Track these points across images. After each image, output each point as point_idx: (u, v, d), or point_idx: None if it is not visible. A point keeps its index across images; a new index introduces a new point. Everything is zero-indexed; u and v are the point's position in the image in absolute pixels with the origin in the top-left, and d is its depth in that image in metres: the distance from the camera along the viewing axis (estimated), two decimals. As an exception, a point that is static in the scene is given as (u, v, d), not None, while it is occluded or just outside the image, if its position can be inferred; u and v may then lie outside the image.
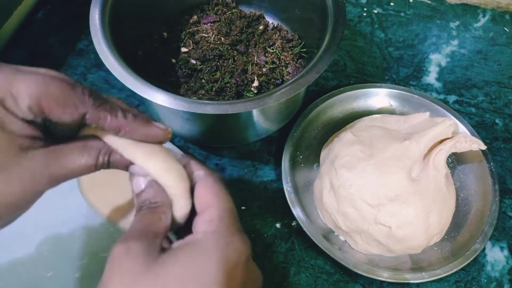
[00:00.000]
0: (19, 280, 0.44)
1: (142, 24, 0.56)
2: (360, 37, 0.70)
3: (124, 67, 0.42)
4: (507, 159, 0.58)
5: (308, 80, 0.43)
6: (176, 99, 0.41)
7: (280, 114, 0.51)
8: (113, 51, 0.43)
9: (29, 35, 0.67)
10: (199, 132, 0.50)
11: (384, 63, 0.67)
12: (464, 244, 0.49)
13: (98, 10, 0.46)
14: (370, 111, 0.59)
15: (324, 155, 0.55)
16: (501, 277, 0.50)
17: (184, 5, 0.61)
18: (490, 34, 0.71)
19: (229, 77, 0.54)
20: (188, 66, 0.55)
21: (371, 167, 0.47)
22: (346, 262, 0.47)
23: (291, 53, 0.57)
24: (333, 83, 0.64)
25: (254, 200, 0.54)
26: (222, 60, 0.55)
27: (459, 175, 0.55)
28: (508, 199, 0.55)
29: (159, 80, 0.54)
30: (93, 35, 0.44)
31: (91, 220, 0.48)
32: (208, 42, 0.56)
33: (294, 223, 0.52)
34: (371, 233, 0.46)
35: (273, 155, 0.58)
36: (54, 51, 0.66)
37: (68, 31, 0.68)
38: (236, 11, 0.60)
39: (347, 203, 0.47)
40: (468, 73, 0.66)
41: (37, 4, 0.69)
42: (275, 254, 0.50)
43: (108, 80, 0.63)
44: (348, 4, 0.73)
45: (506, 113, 0.63)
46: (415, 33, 0.71)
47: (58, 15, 0.70)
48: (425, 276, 0.46)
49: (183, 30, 0.59)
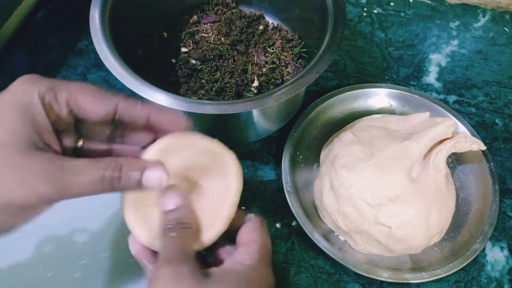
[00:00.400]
0: (19, 280, 0.44)
1: (142, 24, 0.56)
2: (360, 37, 0.70)
3: (124, 67, 0.42)
4: (507, 159, 0.58)
5: (308, 80, 0.43)
6: (176, 99, 0.41)
7: (280, 114, 0.51)
8: (113, 51, 0.43)
9: (29, 35, 0.67)
10: (200, 132, 0.50)
11: (384, 63, 0.67)
12: (464, 244, 0.49)
13: (98, 10, 0.46)
14: (370, 111, 0.59)
15: (324, 155, 0.55)
16: (501, 277, 0.50)
17: (184, 5, 0.61)
18: (490, 34, 0.71)
19: (229, 77, 0.54)
20: (188, 66, 0.55)
21: (371, 167, 0.47)
22: (346, 262, 0.47)
23: (291, 53, 0.57)
24: (333, 83, 0.64)
25: (254, 200, 0.54)
26: (222, 60, 0.55)
27: (459, 175, 0.55)
28: (508, 199, 0.55)
29: (159, 80, 0.54)
30: (93, 35, 0.44)
31: (90, 220, 0.48)
32: (208, 42, 0.56)
33: (294, 223, 0.52)
34: (371, 233, 0.46)
35: (273, 155, 0.58)
36: (54, 51, 0.66)
37: (68, 31, 0.68)
38: (236, 11, 0.60)
39: (347, 203, 0.47)
40: (468, 73, 0.66)
41: (37, 4, 0.69)
42: (275, 254, 0.50)
43: (108, 80, 0.63)
44: (348, 4, 0.73)
45: (506, 113, 0.63)
46: (415, 33, 0.71)
47: (58, 15, 0.70)
48: (425, 276, 0.46)
49: (183, 30, 0.59)
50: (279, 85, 0.48)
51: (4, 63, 0.64)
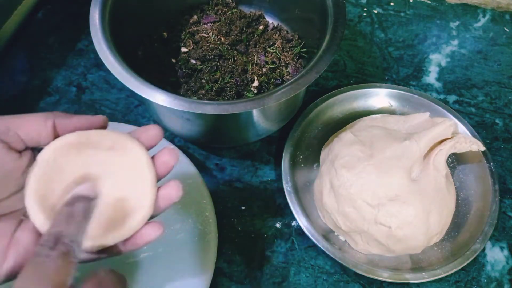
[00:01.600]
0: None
1: (142, 24, 0.56)
2: (360, 37, 0.70)
3: (125, 68, 0.42)
4: (507, 159, 0.58)
5: (308, 80, 0.43)
6: (176, 99, 0.41)
7: (280, 114, 0.51)
8: (113, 51, 0.43)
9: (29, 35, 0.67)
10: (199, 132, 0.50)
11: (384, 63, 0.67)
12: (464, 244, 0.49)
13: (98, 10, 0.46)
14: (370, 111, 0.60)
15: (324, 155, 0.55)
16: (501, 277, 0.50)
17: (184, 5, 0.61)
18: (490, 34, 0.71)
19: (229, 77, 0.54)
20: (188, 66, 0.55)
21: (371, 167, 0.47)
22: (346, 262, 0.47)
23: (291, 53, 0.57)
24: (333, 83, 0.64)
25: (254, 200, 0.54)
26: (222, 60, 0.55)
27: (459, 175, 0.55)
28: (508, 199, 0.55)
29: (159, 80, 0.54)
30: (93, 35, 0.44)
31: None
32: (208, 42, 0.56)
33: (294, 223, 0.52)
34: (371, 233, 0.46)
35: (273, 155, 0.58)
36: (54, 51, 0.66)
37: (68, 31, 0.68)
38: (236, 11, 0.60)
39: (347, 203, 0.47)
40: (468, 73, 0.66)
41: (37, 4, 0.69)
42: (275, 254, 0.50)
43: (108, 80, 0.63)
44: (348, 4, 0.73)
45: (506, 113, 0.63)
46: (415, 33, 0.71)
47: (58, 15, 0.70)
48: (425, 276, 0.46)
49: (183, 30, 0.59)
50: (279, 85, 0.48)
51: (4, 63, 0.64)
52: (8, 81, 0.62)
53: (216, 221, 0.49)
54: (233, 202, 0.54)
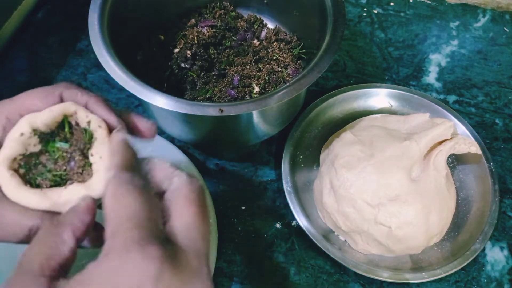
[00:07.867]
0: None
1: (140, 28, 0.56)
2: (360, 37, 0.70)
3: (125, 72, 0.42)
4: (507, 159, 0.58)
5: (309, 80, 0.43)
6: (177, 102, 0.40)
7: (281, 116, 0.51)
8: (113, 55, 0.43)
9: (29, 35, 0.67)
10: (199, 135, 0.50)
11: (384, 63, 0.67)
12: (464, 244, 0.49)
13: (97, 15, 0.46)
14: (370, 111, 0.60)
15: (324, 155, 0.55)
16: (501, 277, 0.50)
17: (182, 9, 0.61)
18: (490, 34, 0.71)
19: (228, 81, 0.54)
20: (186, 70, 0.55)
21: (371, 167, 0.47)
22: (346, 262, 0.47)
23: (290, 55, 0.57)
24: (333, 83, 0.64)
25: (254, 200, 0.54)
26: (221, 63, 0.55)
27: (459, 175, 0.55)
28: (508, 199, 0.55)
29: (158, 84, 0.54)
30: (92, 40, 0.44)
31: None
32: (205, 44, 0.56)
33: (294, 223, 0.52)
34: (371, 233, 0.46)
35: (273, 155, 0.58)
36: (54, 51, 0.66)
37: (68, 31, 0.68)
38: (234, 14, 0.60)
39: (347, 203, 0.47)
40: (468, 73, 0.66)
41: (37, 4, 0.69)
42: (275, 254, 0.50)
43: (108, 80, 0.63)
44: (348, 4, 0.73)
45: (506, 113, 0.63)
46: (415, 33, 0.71)
47: (58, 15, 0.70)
48: (425, 276, 0.47)
49: (182, 34, 0.59)
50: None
51: (4, 63, 0.64)
52: (8, 81, 0.62)
53: (216, 221, 0.49)
54: (233, 202, 0.54)
